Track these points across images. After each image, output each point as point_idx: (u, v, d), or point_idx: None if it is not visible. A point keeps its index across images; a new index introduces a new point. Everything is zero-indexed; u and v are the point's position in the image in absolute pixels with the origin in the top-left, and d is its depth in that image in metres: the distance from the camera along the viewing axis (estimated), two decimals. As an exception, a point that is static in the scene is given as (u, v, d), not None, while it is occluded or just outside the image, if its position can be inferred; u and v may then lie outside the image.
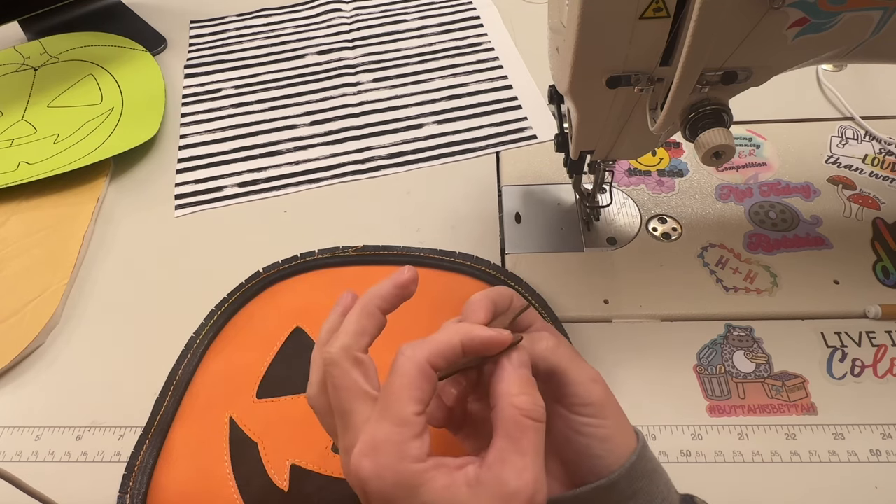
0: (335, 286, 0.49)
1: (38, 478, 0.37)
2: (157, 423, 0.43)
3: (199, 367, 0.46)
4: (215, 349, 0.46)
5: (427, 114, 0.65)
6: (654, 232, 0.53)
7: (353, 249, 0.52)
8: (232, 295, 0.50)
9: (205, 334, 0.47)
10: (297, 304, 0.48)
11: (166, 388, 0.45)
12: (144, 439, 0.43)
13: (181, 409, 0.44)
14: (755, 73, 0.35)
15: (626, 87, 0.37)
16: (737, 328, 0.47)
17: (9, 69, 0.72)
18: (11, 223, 0.58)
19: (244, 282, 0.50)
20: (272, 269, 0.51)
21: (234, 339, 0.47)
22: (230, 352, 0.46)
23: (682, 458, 0.41)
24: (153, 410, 0.44)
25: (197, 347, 0.47)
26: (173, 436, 0.43)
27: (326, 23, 0.77)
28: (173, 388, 0.45)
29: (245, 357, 0.46)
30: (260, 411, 0.43)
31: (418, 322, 0.39)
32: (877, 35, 0.34)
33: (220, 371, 0.45)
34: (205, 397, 0.44)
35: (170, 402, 0.44)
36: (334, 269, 0.51)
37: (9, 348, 0.48)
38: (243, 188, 0.60)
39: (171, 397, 0.44)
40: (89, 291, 0.53)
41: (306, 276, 0.50)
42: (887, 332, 0.47)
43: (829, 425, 0.42)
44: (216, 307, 0.49)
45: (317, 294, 0.49)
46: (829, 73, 0.66)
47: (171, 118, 0.67)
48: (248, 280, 0.50)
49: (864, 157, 0.58)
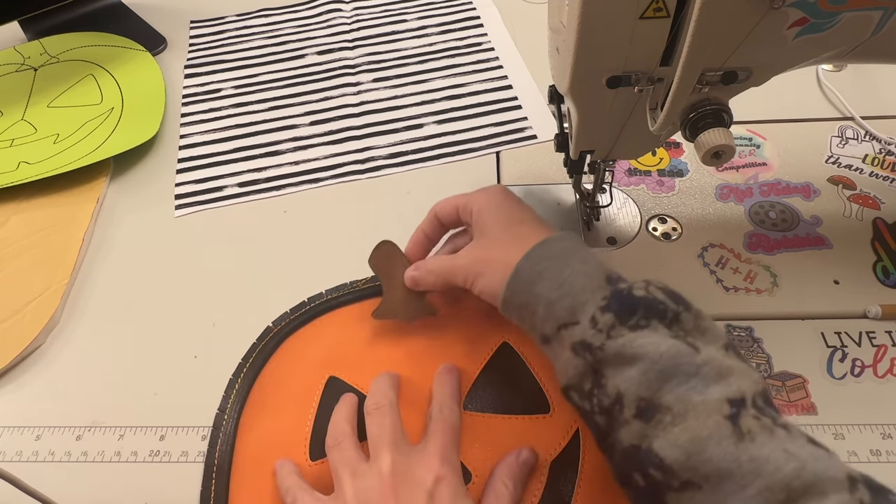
0: (354, 324, 0.47)
1: (38, 478, 0.38)
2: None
3: (237, 447, 0.41)
4: (247, 423, 0.43)
5: (427, 114, 0.65)
6: (654, 232, 0.53)
7: (363, 282, 0.49)
8: (247, 358, 0.46)
9: (230, 409, 0.43)
10: (322, 353, 0.45)
11: (207, 477, 0.41)
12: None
13: (232, 492, 0.40)
14: (755, 73, 0.35)
15: (626, 87, 0.37)
16: (737, 328, 0.47)
17: (9, 69, 0.72)
18: (11, 223, 0.58)
19: (256, 341, 0.47)
20: (282, 322, 0.47)
21: (266, 406, 0.43)
22: (265, 422, 0.42)
23: (682, 458, 0.41)
24: (201, 498, 0.40)
25: (227, 426, 0.42)
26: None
27: (326, 23, 0.77)
28: (215, 475, 0.40)
29: (283, 423, 0.42)
30: (318, 473, 0.39)
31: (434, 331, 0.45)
32: (877, 35, 0.34)
33: (261, 446, 0.41)
34: (252, 479, 0.40)
35: (217, 486, 0.40)
36: (348, 308, 0.48)
37: (9, 348, 0.48)
38: (243, 188, 0.60)
39: (216, 488, 0.40)
40: (89, 291, 0.53)
41: (321, 321, 0.47)
42: (887, 332, 0.47)
43: (829, 425, 0.42)
44: (234, 375, 0.45)
45: (340, 337, 0.46)
46: (829, 73, 0.66)
47: (171, 118, 0.67)
48: (259, 338, 0.47)
49: (864, 157, 0.58)
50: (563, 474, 0.39)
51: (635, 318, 0.33)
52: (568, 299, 0.35)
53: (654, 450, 0.30)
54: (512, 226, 0.40)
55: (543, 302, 0.35)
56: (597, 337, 0.33)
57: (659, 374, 0.31)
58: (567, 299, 0.35)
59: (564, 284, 0.35)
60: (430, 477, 0.35)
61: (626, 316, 0.33)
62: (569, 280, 0.35)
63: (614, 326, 0.33)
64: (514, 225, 0.40)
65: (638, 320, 0.33)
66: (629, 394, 0.31)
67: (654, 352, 0.31)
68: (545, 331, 0.36)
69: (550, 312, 0.35)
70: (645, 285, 0.34)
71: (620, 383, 0.32)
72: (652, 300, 0.33)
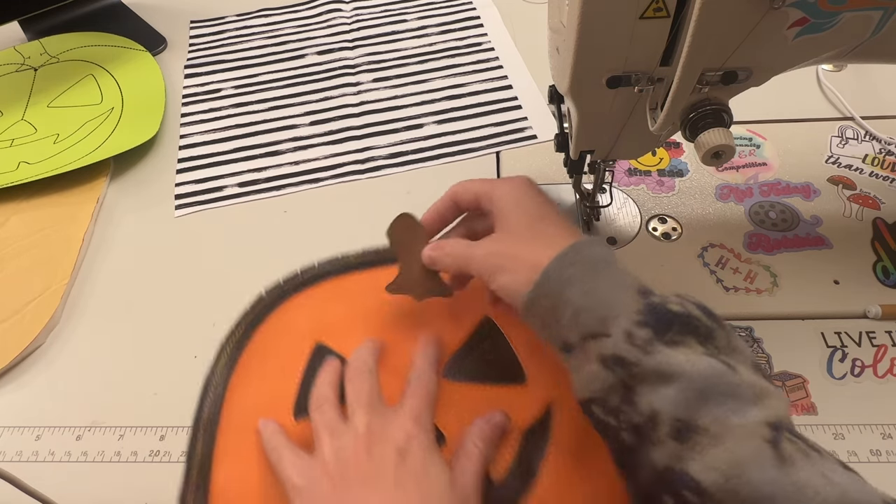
0: (343, 295, 0.48)
1: (38, 478, 0.38)
2: (197, 471, 0.41)
3: (224, 405, 0.43)
4: (236, 384, 0.44)
5: (427, 114, 0.65)
6: (654, 232, 0.53)
7: (354, 256, 0.51)
8: (239, 324, 0.47)
9: (220, 370, 0.45)
10: (310, 322, 0.47)
11: (194, 433, 0.42)
12: (187, 486, 0.40)
13: (217, 449, 0.41)
14: (755, 73, 0.35)
15: (626, 87, 0.37)
16: (737, 328, 0.47)
17: (9, 69, 0.72)
18: (11, 223, 0.58)
19: (249, 308, 0.48)
20: (275, 290, 0.49)
21: (254, 370, 0.45)
22: (253, 384, 0.44)
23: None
24: (187, 455, 0.41)
25: (216, 386, 0.44)
26: (216, 477, 0.40)
27: (326, 23, 0.77)
28: (203, 432, 0.42)
29: (270, 385, 0.44)
30: (300, 431, 0.42)
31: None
32: (877, 35, 0.34)
33: (249, 405, 0.43)
34: (238, 433, 0.42)
35: (204, 447, 0.42)
36: (339, 279, 0.50)
37: (9, 348, 0.48)
38: (243, 188, 0.60)
39: (204, 442, 0.42)
40: (89, 291, 0.53)
41: (312, 291, 0.49)
42: (887, 332, 0.47)
43: (829, 425, 0.42)
44: (226, 339, 0.47)
45: (328, 307, 0.48)
46: (829, 73, 0.66)
47: (171, 118, 0.67)
48: (252, 306, 0.48)
49: (864, 157, 0.58)
50: (534, 443, 0.40)
51: (671, 334, 0.32)
52: (599, 309, 0.33)
53: (689, 472, 0.29)
54: (538, 222, 0.38)
55: (571, 308, 0.34)
56: (632, 352, 0.32)
57: (696, 393, 0.30)
58: (598, 309, 0.33)
59: (596, 293, 0.34)
60: (402, 435, 0.37)
61: (663, 331, 0.32)
62: (600, 289, 0.34)
63: (651, 342, 0.31)
64: (540, 222, 0.38)
65: (673, 336, 0.32)
66: (665, 412, 0.30)
67: (692, 370, 0.30)
68: (569, 339, 0.34)
69: (577, 320, 0.34)
70: (679, 300, 0.33)
71: (655, 401, 0.31)
72: (688, 316, 0.32)
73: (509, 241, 0.38)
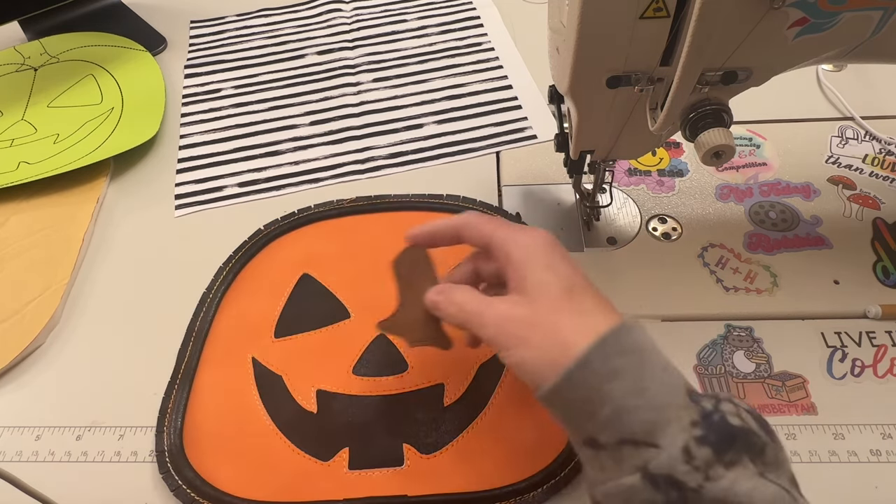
0: (334, 236, 0.54)
1: (38, 478, 0.38)
2: (183, 369, 0.46)
3: (216, 317, 0.49)
4: (229, 301, 0.50)
5: (427, 114, 0.65)
6: (654, 232, 0.53)
7: (348, 201, 0.56)
8: (238, 251, 0.53)
9: (217, 288, 0.51)
10: (301, 255, 0.52)
11: (187, 338, 0.48)
12: (173, 385, 0.45)
13: (204, 355, 0.47)
14: (755, 73, 0.35)
15: (626, 87, 0.37)
16: (737, 328, 0.47)
17: (9, 69, 0.72)
18: (11, 223, 0.58)
19: (248, 239, 0.54)
20: (272, 226, 0.55)
21: (246, 290, 0.51)
22: (244, 302, 0.50)
23: (682, 458, 0.41)
24: (177, 360, 0.47)
25: (211, 301, 0.50)
26: (200, 379, 0.46)
27: (326, 23, 0.77)
28: (194, 338, 0.48)
29: (258, 305, 0.50)
30: (279, 348, 0.47)
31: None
32: (877, 35, 0.34)
33: (237, 319, 0.49)
34: (225, 343, 0.48)
35: (192, 350, 0.47)
36: (331, 221, 0.55)
37: (9, 348, 0.48)
38: (243, 188, 0.60)
39: (193, 346, 0.47)
40: (89, 291, 0.53)
41: (306, 229, 0.55)
42: (887, 332, 0.47)
43: (829, 425, 0.42)
44: (224, 264, 0.52)
45: (318, 244, 0.53)
46: (829, 73, 0.66)
47: (171, 118, 0.67)
48: (251, 237, 0.54)
49: (864, 157, 0.58)
50: (488, 376, 0.45)
51: (731, 454, 0.28)
52: (648, 413, 0.29)
53: None
54: (569, 291, 0.33)
55: (611, 406, 0.29)
56: (692, 476, 0.28)
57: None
58: (646, 413, 0.29)
59: (645, 393, 0.29)
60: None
61: (724, 450, 0.28)
62: (650, 389, 0.30)
63: (711, 465, 0.28)
64: (571, 291, 0.33)
65: (732, 456, 0.28)
66: None
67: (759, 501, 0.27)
68: (599, 438, 0.30)
69: (618, 420, 0.29)
70: (735, 408, 0.30)
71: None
72: (748, 432, 0.29)
73: (532, 309, 0.33)
